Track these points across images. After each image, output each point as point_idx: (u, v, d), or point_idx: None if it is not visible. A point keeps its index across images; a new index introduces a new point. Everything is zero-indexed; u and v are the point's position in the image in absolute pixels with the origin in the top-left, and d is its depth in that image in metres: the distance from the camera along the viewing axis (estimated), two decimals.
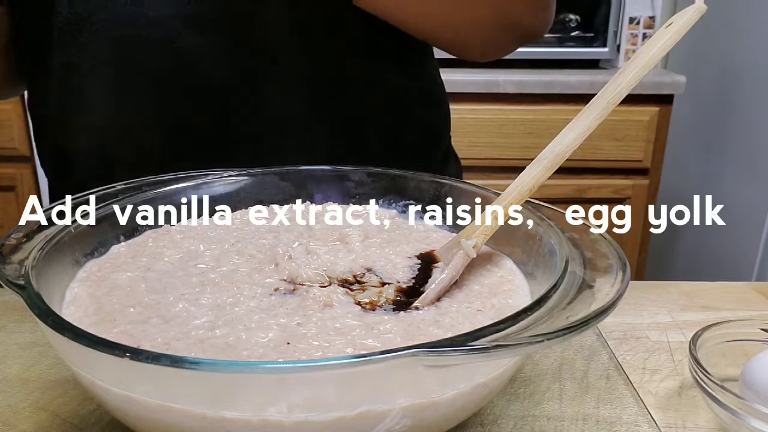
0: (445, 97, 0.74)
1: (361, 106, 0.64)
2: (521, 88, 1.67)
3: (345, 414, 0.29)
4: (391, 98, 0.66)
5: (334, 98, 0.63)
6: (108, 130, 0.60)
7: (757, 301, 0.58)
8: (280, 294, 0.39)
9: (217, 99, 0.60)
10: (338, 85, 0.63)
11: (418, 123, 0.69)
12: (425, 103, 0.70)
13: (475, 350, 0.28)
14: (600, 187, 1.76)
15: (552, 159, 0.41)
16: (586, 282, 0.34)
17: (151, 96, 0.59)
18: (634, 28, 1.84)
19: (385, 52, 0.64)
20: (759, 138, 1.60)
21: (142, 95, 0.59)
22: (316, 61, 0.61)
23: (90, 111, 0.60)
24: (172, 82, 0.58)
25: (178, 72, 0.58)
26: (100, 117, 0.60)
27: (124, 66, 0.58)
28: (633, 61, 0.41)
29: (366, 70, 0.63)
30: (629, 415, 0.42)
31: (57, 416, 0.41)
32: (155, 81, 0.58)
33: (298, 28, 0.59)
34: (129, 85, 0.59)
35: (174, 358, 0.27)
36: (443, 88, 0.73)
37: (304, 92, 0.61)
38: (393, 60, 0.65)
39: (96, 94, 0.59)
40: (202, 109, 0.60)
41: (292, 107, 0.61)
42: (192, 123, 0.60)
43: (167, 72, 0.58)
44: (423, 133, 0.70)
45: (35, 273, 0.35)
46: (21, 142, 1.74)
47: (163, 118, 0.60)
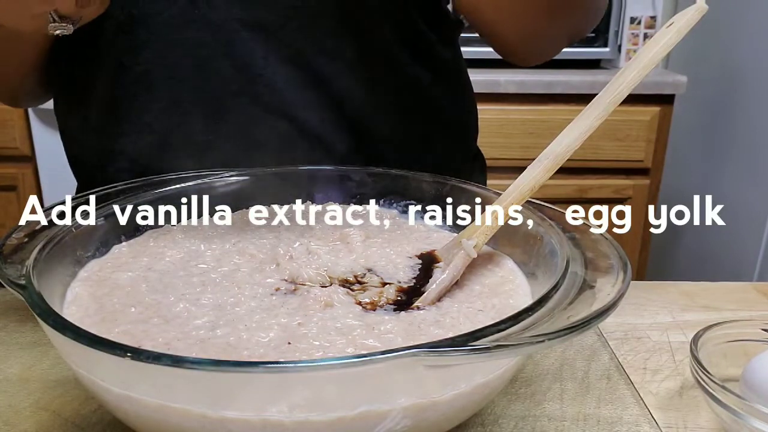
0: (472, 95, 0.74)
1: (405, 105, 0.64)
2: (522, 88, 1.67)
3: (346, 414, 0.29)
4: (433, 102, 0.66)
5: (392, 99, 0.63)
6: (160, 133, 0.59)
7: (758, 301, 0.58)
8: (281, 294, 0.39)
9: (274, 101, 0.59)
10: (387, 84, 0.63)
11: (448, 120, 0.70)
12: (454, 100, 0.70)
13: (475, 350, 0.28)
14: (601, 187, 1.76)
15: (553, 159, 0.41)
16: (587, 282, 0.34)
17: (206, 100, 0.58)
18: (635, 28, 1.83)
19: (432, 58, 0.65)
20: (760, 138, 1.60)
21: (195, 99, 0.58)
22: (372, 60, 0.61)
23: (141, 115, 0.59)
24: (228, 84, 0.58)
25: (233, 75, 0.57)
26: (152, 121, 0.59)
27: (177, 69, 0.57)
28: (634, 60, 0.41)
29: (418, 75, 0.64)
30: (630, 415, 0.42)
31: (58, 416, 0.41)
32: (209, 85, 0.58)
33: (353, 32, 0.59)
34: (181, 88, 0.58)
35: (175, 358, 0.27)
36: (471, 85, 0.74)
37: (359, 96, 0.61)
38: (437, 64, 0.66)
39: (147, 98, 0.58)
40: (256, 112, 0.59)
41: (348, 110, 0.61)
42: (245, 127, 0.59)
43: (222, 75, 0.57)
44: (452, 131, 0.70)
45: (36, 273, 0.35)
46: (22, 141, 1.74)
47: (218, 122, 0.59)
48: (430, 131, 0.67)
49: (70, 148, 0.68)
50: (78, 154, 0.67)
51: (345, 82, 0.60)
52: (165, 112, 0.59)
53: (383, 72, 0.62)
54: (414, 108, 0.65)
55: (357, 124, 0.62)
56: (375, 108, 0.63)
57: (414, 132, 0.66)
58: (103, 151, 0.62)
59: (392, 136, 0.64)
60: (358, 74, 0.61)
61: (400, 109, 0.64)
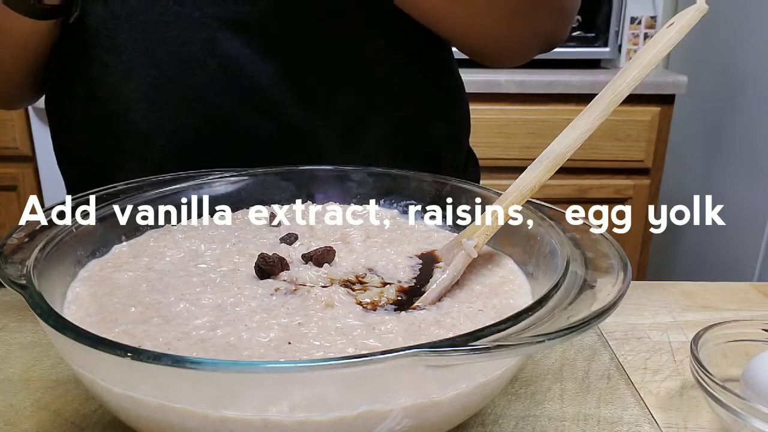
0: (465, 96, 0.74)
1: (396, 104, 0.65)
2: (523, 88, 1.67)
3: (346, 414, 0.29)
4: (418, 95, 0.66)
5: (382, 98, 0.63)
6: (144, 132, 0.59)
7: (759, 301, 0.58)
8: (281, 294, 0.39)
9: (259, 99, 0.59)
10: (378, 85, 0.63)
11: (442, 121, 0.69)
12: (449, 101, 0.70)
13: (476, 350, 0.28)
14: (601, 187, 1.76)
15: (553, 159, 0.41)
16: (587, 282, 0.34)
17: (191, 98, 0.58)
18: (636, 28, 1.83)
19: (414, 51, 0.65)
20: (760, 138, 1.60)
21: (180, 97, 0.58)
22: (354, 61, 0.61)
23: (124, 113, 0.59)
24: (213, 83, 0.58)
25: (218, 73, 0.57)
26: (135, 119, 0.59)
27: (161, 67, 0.57)
28: (634, 60, 0.41)
29: (399, 69, 0.64)
30: (630, 415, 0.42)
31: (59, 416, 0.41)
32: (194, 83, 0.58)
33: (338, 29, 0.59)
34: (166, 86, 0.58)
35: (175, 358, 0.27)
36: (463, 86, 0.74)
37: (348, 94, 0.61)
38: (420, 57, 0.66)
39: (131, 97, 0.58)
40: (241, 110, 0.59)
41: (334, 107, 0.61)
42: (231, 125, 0.60)
43: (208, 73, 0.57)
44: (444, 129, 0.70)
45: (37, 273, 0.35)
46: (23, 141, 1.74)
47: (204, 120, 0.59)
48: (422, 130, 0.67)
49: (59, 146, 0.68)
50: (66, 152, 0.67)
51: (332, 81, 0.60)
52: (149, 109, 0.59)
53: (371, 71, 0.62)
54: (405, 107, 0.65)
55: (346, 122, 0.62)
56: (364, 107, 0.63)
57: (405, 130, 0.66)
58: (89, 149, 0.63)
59: (382, 135, 0.64)
60: (346, 73, 0.61)
61: (391, 108, 0.64)
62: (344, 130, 0.62)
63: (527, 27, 0.61)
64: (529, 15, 0.59)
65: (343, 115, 0.62)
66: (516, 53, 0.66)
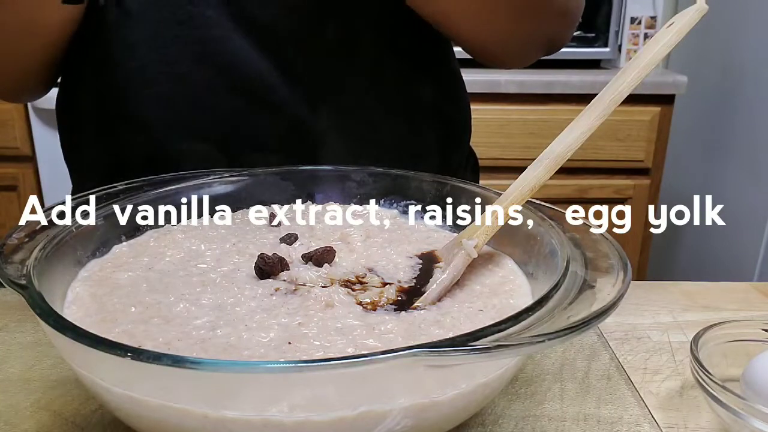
0: (466, 97, 0.74)
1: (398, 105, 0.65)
2: (523, 88, 1.67)
3: (346, 414, 0.29)
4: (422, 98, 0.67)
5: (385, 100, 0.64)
6: (155, 131, 0.60)
7: (759, 301, 0.58)
8: (281, 294, 0.39)
9: (270, 98, 0.59)
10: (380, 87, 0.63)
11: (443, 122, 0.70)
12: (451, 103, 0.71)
13: (476, 350, 0.28)
14: (601, 187, 1.76)
15: (553, 159, 0.41)
16: (587, 282, 0.34)
17: (203, 97, 0.59)
18: (636, 28, 1.83)
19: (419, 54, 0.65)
20: (760, 138, 1.60)
21: (192, 95, 0.59)
22: (360, 61, 0.61)
23: (136, 111, 0.59)
24: (224, 82, 0.58)
25: (230, 72, 0.58)
26: (147, 117, 0.59)
27: (174, 65, 0.58)
28: (634, 61, 0.41)
29: (402, 71, 0.64)
30: (630, 415, 0.42)
31: (59, 416, 0.41)
32: (206, 82, 0.58)
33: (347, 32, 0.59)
34: (178, 85, 0.58)
35: (175, 358, 0.27)
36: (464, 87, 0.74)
37: (354, 95, 0.62)
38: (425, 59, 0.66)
39: (143, 95, 0.59)
40: (251, 109, 0.60)
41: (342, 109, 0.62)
42: (241, 123, 0.60)
43: (220, 72, 0.58)
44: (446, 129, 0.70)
45: (37, 273, 0.35)
46: (23, 141, 1.74)
47: (215, 119, 0.59)
48: (423, 130, 0.67)
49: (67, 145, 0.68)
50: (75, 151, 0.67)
51: (339, 81, 0.61)
52: (160, 106, 0.59)
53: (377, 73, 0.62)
54: (407, 108, 0.65)
55: (352, 123, 0.62)
56: (370, 109, 0.63)
57: (407, 130, 0.66)
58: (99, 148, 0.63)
59: (386, 135, 0.64)
60: (352, 74, 0.61)
61: (393, 110, 0.65)
62: (353, 130, 0.63)
63: (532, 28, 0.61)
64: (535, 14, 0.59)
65: (353, 117, 0.62)
66: (520, 54, 0.67)
